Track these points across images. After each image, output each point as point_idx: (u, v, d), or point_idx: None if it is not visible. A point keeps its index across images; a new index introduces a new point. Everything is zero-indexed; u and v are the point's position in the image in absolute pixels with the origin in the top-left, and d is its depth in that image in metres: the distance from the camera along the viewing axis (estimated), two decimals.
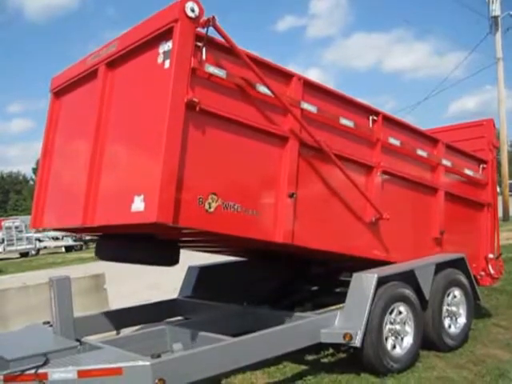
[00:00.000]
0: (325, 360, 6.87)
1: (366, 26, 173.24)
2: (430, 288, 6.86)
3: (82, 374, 4.64)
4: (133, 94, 5.46)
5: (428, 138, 7.84)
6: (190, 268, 8.32)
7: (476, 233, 8.71)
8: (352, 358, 6.59)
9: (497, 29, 29.13)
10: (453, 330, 7.17)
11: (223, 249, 7.82)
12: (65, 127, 6.55)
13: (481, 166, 8.77)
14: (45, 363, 4.78)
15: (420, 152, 7.50)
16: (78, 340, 5.49)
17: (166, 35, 4.97)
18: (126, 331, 7.43)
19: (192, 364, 4.94)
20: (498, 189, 9.80)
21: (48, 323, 6.13)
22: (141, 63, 5.35)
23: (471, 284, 7.56)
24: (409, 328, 6.48)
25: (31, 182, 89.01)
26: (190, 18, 4.90)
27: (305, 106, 6.00)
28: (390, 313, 6.31)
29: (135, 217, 4.88)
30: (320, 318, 6.21)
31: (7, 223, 35.98)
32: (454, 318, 7.26)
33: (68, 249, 35.46)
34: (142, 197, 4.82)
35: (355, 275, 6.34)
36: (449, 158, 7.98)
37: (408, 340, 6.45)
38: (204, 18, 4.95)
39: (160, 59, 5.01)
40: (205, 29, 4.99)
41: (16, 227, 35.04)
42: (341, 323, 6.14)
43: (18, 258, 33.99)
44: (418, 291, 6.72)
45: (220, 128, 5.24)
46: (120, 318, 7.25)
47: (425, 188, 7.63)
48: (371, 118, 6.85)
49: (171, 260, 6.31)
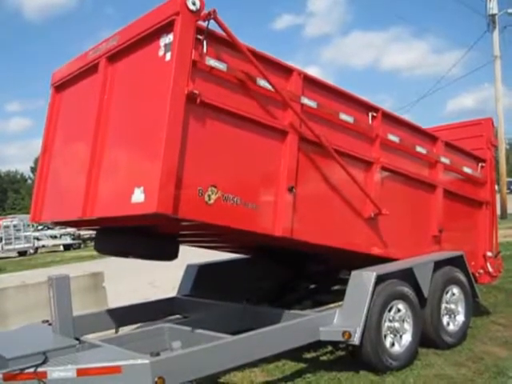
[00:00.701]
0: (324, 358, 6.87)
1: (364, 25, 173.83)
2: (429, 286, 6.87)
3: (81, 373, 4.65)
4: (134, 87, 5.47)
5: (427, 136, 7.85)
6: (189, 266, 8.32)
7: (474, 231, 8.71)
8: (350, 356, 6.60)
9: (494, 27, 29.16)
10: (451, 328, 7.17)
11: (222, 244, 7.81)
12: (65, 121, 6.55)
13: (479, 165, 8.77)
14: (44, 362, 4.79)
15: (419, 149, 7.50)
16: (77, 338, 5.49)
17: (167, 28, 4.98)
18: (125, 330, 7.45)
19: (191, 362, 4.94)
20: (496, 187, 9.81)
21: (47, 322, 6.12)
22: (142, 56, 5.36)
23: (470, 282, 7.56)
24: (407, 326, 6.49)
25: (29, 181, 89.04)
26: (191, 11, 4.91)
27: (305, 101, 6.01)
28: (389, 310, 6.31)
29: (135, 208, 4.88)
30: (319, 316, 6.21)
31: (5, 222, 36.04)
32: (453, 316, 7.26)
33: (66, 247, 35.51)
34: (142, 188, 4.83)
35: (354, 273, 6.35)
36: (448, 156, 7.98)
37: (407, 338, 6.46)
38: (205, 12, 4.96)
39: (161, 52, 5.02)
40: (206, 22, 5.00)
41: (14, 226, 35.12)
42: (340, 321, 6.14)
43: (17, 257, 34.02)
44: (417, 289, 6.72)
45: (220, 121, 5.26)
46: (119, 317, 7.24)
47: (423, 185, 7.63)
48: (370, 115, 6.85)
49: (170, 254, 6.35)
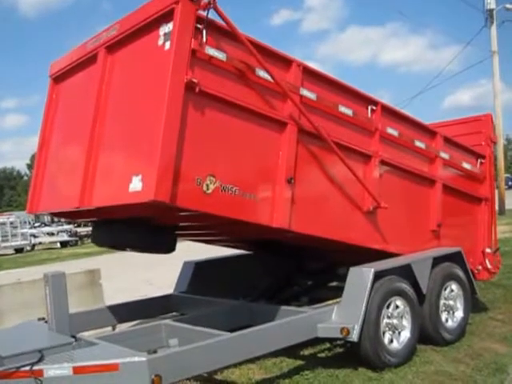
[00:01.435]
0: (322, 355, 6.84)
1: (361, 20, 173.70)
2: (427, 282, 6.85)
3: (78, 371, 4.60)
4: (133, 77, 5.45)
5: (426, 130, 7.81)
6: (186, 263, 8.28)
7: (473, 227, 8.68)
8: (349, 353, 6.57)
9: (492, 22, 29.02)
10: (450, 324, 7.15)
11: (219, 237, 7.75)
12: (63, 112, 6.53)
13: (479, 161, 8.75)
14: (40, 360, 4.74)
15: (418, 143, 7.48)
16: (74, 336, 5.43)
17: (167, 17, 4.96)
18: (122, 327, 7.43)
19: (188, 359, 4.91)
20: (494, 182, 9.79)
21: (43, 319, 6.08)
22: (141, 46, 5.34)
23: (468, 278, 7.54)
24: (406, 322, 6.46)
25: (25, 178, 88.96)
26: (191, 0, 4.89)
27: (304, 93, 5.99)
28: (387, 307, 6.29)
29: (133, 197, 4.86)
30: (317, 313, 6.18)
31: (2, 219, 35.87)
32: (452, 312, 7.24)
33: (63, 244, 35.39)
34: (140, 177, 4.81)
35: (352, 269, 6.31)
36: (447, 151, 7.95)
37: (405, 334, 6.43)
38: (205, 1, 4.94)
39: (160, 41, 5.00)
40: (205, 11, 4.98)
41: (11, 223, 34.97)
42: (338, 318, 6.11)
43: (13, 254, 33.86)
44: (415, 285, 6.70)
45: (219, 110, 5.23)
46: (115, 314, 7.21)
47: (422, 180, 7.60)
48: (370, 108, 6.83)
49: (167, 247, 6.31)
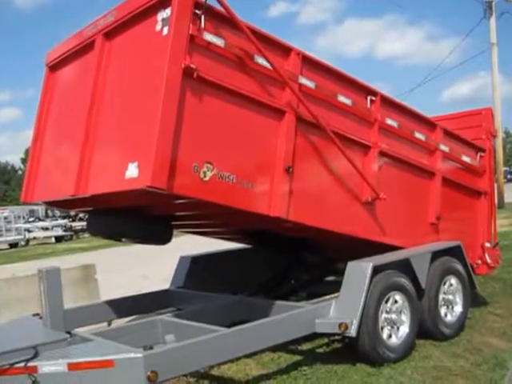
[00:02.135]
0: (320, 350, 6.77)
1: (359, 12, 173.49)
2: (426, 276, 6.79)
3: (73, 367, 4.54)
4: (130, 63, 5.39)
5: (426, 122, 7.75)
6: (182, 258, 8.20)
7: (472, 221, 8.63)
8: (347, 348, 6.50)
9: (491, 14, 28.76)
10: (449, 319, 7.10)
11: (216, 228, 7.63)
12: (59, 100, 6.46)
13: (478, 154, 8.70)
14: (34, 356, 4.67)
15: (418, 135, 7.41)
16: (68, 332, 5.37)
17: (165, 2, 4.90)
18: (118, 323, 7.35)
19: (185, 355, 4.83)
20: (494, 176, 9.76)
21: (38, 315, 6.01)
22: (139, 32, 5.27)
23: (467, 272, 7.49)
24: (405, 317, 6.40)
25: (20, 172, 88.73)
26: None
27: (303, 81, 5.92)
28: (386, 302, 6.22)
29: (129, 183, 4.79)
30: (315, 308, 6.11)
31: None
32: (451, 307, 7.19)
33: (58, 239, 35.28)
34: (137, 163, 4.75)
35: (350, 264, 6.24)
36: (447, 144, 7.89)
37: (404, 329, 6.37)
38: None
39: (158, 26, 4.94)
40: None
41: (5, 218, 34.94)
42: (336, 313, 6.04)
43: (8, 249, 33.80)
44: (414, 280, 6.63)
45: (217, 97, 5.17)
46: (111, 310, 7.12)
47: (422, 172, 7.54)
48: (369, 98, 6.76)
49: (163, 237, 6.26)
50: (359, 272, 6.11)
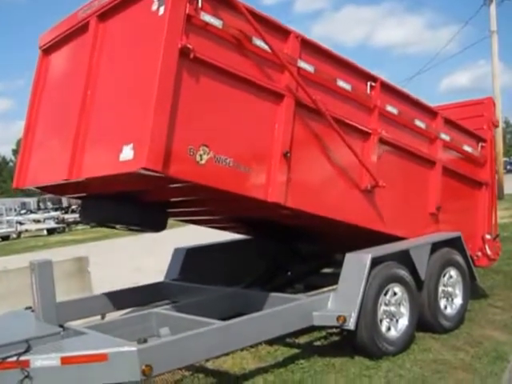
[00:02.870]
0: (317, 343, 6.67)
1: None
2: (426, 268, 6.69)
3: (66, 361, 4.41)
4: (125, 44, 5.27)
5: (427, 110, 7.61)
6: (176, 250, 8.09)
7: (473, 212, 8.53)
8: (345, 341, 6.41)
9: (491, 1, 28.36)
10: (449, 311, 7.01)
11: (211, 216, 7.49)
12: (53, 83, 6.33)
13: (480, 145, 8.57)
14: (27, 350, 4.54)
15: (418, 123, 7.28)
16: (61, 326, 5.25)
17: None
18: (111, 316, 7.23)
19: (180, 349, 4.72)
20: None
21: (30, 308, 5.88)
22: (135, 12, 5.13)
23: (468, 264, 7.40)
24: (404, 309, 6.30)
25: (11, 164, 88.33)
26: None
27: (301, 65, 5.79)
28: (385, 294, 6.12)
29: (123, 166, 4.68)
30: (312, 300, 5.99)
31: None
32: (450, 299, 7.09)
33: (50, 231, 34.92)
34: (132, 145, 4.62)
35: (348, 255, 6.14)
36: (447, 133, 7.78)
37: (403, 322, 6.27)
38: None
39: (154, 6, 4.80)
40: None
41: None
42: (334, 305, 5.94)
43: None
44: (414, 271, 6.54)
45: (214, 78, 5.05)
46: (104, 303, 7.01)
47: (422, 160, 7.42)
48: (369, 84, 6.63)
49: (158, 225, 6.18)
50: (357, 263, 6.00)
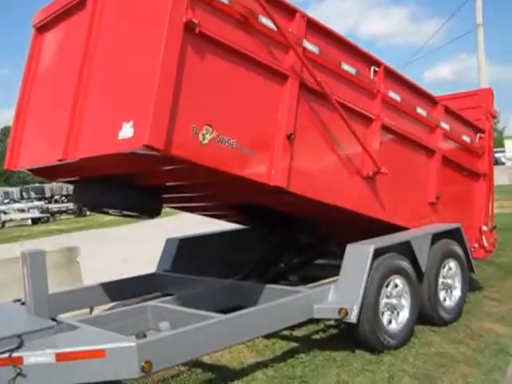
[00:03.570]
0: (316, 336, 6.52)
1: None
2: (427, 260, 6.57)
3: (61, 357, 4.19)
4: (126, 19, 5.01)
5: (428, 98, 7.50)
6: (169, 240, 7.91)
7: (471, 203, 8.46)
8: (344, 334, 6.30)
9: None
10: (448, 304, 6.90)
11: (208, 202, 7.26)
12: (47, 62, 6.06)
13: (478, 135, 8.50)
14: (19, 346, 4.30)
15: (420, 110, 7.16)
16: (54, 319, 5.02)
17: None
18: (102, 308, 7.09)
19: (181, 344, 4.53)
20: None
21: (19, 301, 5.65)
22: None
23: (466, 255, 7.31)
24: (405, 302, 6.18)
25: None
26: None
27: (307, 46, 5.61)
28: (387, 286, 5.98)
29: (122, 144, 4.45)
30: (313, 293, 5.83)
31: None
32: (449, 291, 6.99)
33: (34, 221, 34.48)
34: (132, 123, 4.39)
35: (350, 246, 5.98)
36: (447, 122, 7.68)
37: (404, 314, 6.15)
38: None
39: None
40: None
41: None
42: (335, 298, 5.79)
43: None
44: (414, 263, 6.41)
45: (219, 56, 4.84)
46: (94, 295, 6.84)
47: (422, 149, 7.31)
48: (373, 69, 6.48)
49: (152, 210, 5.99)
50: (360, 255, 5.85)
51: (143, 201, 5.79)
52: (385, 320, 5.94)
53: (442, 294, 6.84)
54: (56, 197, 44.86)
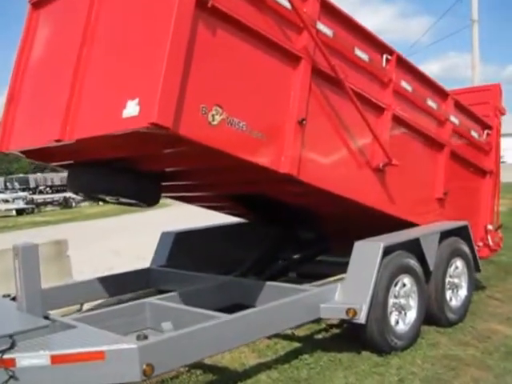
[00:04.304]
0: (318, 336, 6.27)
1: None
2: (435, 258, 6.34)
3: (57, 360, 3.87)
4: None
5: (438, 90, 7.24)
6: (164, 234, 7.63)
7: (476, 201, 8.27)
8: (347, 333, 6.07)
9: None
10: (454, 303, 6.68)
11: (209, 191, 6.97)
12: (44, 38, 5.71)
13: (486, 132, 8.31)
14: (11, 347, 3.96)
15: (430, 103, 6.92)
16: (47, 317, 4.71)
17: None
18: (94, 304, 6.78)
19: (184, 346, 4.24)
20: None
21: (8, 296, 5.34)
22: None
23: (473, 254, 7.11)
24: (412, 302, 5.95)
25: None
26: None
27: (320, 28, 5.33)
28: (395, 285, 5.75)
29: (127, 123, 4.14)
30: (319, 292, 5.57)
31: None
32: (455, 291, 6.78)
33: (19, 212, 34.02)
34: (137, 100, 4.09)
35: (358, 243, 5.73)
36: (457, 116, 7.46)
37: (411, 315, 5.92)
38: None
39: None
40: None
41: None
42: (342, 297, 5.54)
43: None
44: (422, 261, 6.17)
45: (232, 33, 4.55)
46: (86, 290, 6.55)
47: (431, 142, 7.06)
48: (385, 57, 6.23)
49: (151, 198, 5.73)
50: (369, 252, 5.61)
51: (142, 188, 5.51)
52: (392, 321, 5.71)
53: (449, 294, 6.63)
54: (41, 187, 44.27)
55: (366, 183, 6.12)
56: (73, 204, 36.80)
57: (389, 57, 6.24)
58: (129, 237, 15.83)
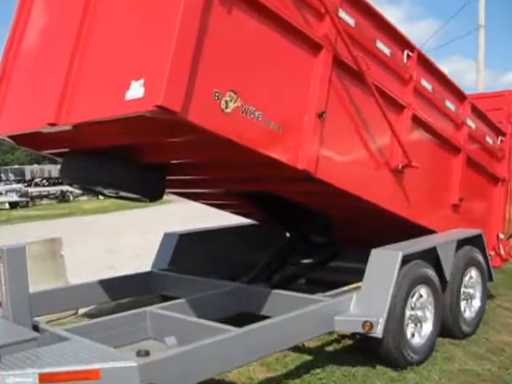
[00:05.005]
0: (329, 348, 5.91)
1: None
2: (451, 268, 6.04)
3: (46, 379, 3.45)
4: None
5: (456, 92, 6.94)
6: (167, 235, 7.26)
7: (489, 208, 8.00)
8: (360, 346, 5.69)
9: None
10: (468, 315, 6.40)
11: (218, 189, 6.60)
12: (41, 10, 5.27)
13: (499, 138, 8.05)
14: None
15: (448, 104, 6.62)
16: (36, 327, 4.30)
17: None
18: (85, 310, 6.66)
19: (190, 364, 3.84)
20: None
21: None
22: None
23: (487, 263, 6.84)
24: (429, 313, 5.64)
25: None
26: None
27: (342, 16, 4.95)
28: (412, 296, 5.43)
29: (130, 106, 3.73)
30: (334, 303, 5.20)
31: None
32: (470, 301, 6.50)
33: (12, 205, 33.33)
34: (142, 81, 3.69)
35: (375, 251, 5.38)
36: (473, 120, 7.17)
37: (427, 327, 5.62)
38: None
39: None
40: None
41: None
42: (357, 309, 5.20)
43: None
44: (439, 271, 5.86)
45: (249, 14, 4.14)
46: (81, 295, 6.17)
47: (449, 146, 6.74)
48: (406, 53, 5.88)
49: (154, 192, 5.36)
50: (386, 261, 5.27)
51: (145, 181, 5.11)
52: (408, 334, 5.40)
53: (463, 305, 6.36)
54: (37, 180, 43.58)
55: (384, 184, 5.77)
56: (70, 198, 35.85)
57: (410, 53, 5.90)
58: (129, 236, 15.45)
